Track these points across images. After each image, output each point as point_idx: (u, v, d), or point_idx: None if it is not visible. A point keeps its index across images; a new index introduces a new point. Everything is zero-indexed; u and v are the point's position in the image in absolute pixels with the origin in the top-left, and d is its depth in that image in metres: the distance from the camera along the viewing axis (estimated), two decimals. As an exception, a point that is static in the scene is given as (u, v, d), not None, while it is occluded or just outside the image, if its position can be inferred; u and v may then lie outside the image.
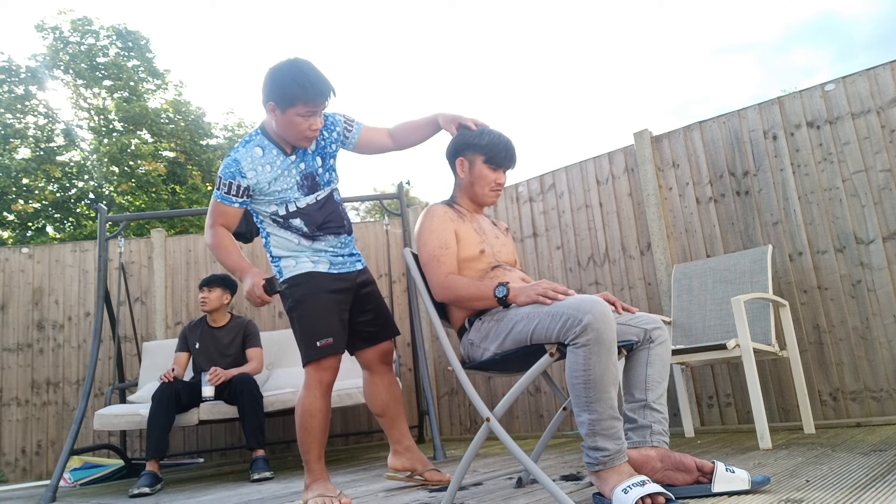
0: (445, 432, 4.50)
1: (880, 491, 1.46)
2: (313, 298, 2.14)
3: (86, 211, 13.67)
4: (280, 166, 2.13)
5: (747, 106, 3.35)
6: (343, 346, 2.20)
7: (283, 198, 2.13)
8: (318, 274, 2.16)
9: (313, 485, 2.13)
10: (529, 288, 1.70)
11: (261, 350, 3.77)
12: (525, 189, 4.21)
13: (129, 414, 3.46)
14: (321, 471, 2.16)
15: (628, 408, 1.73)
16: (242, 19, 35.18)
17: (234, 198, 2.11)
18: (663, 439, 1.68)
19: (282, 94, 2.01)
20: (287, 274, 2.18)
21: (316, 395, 2.14)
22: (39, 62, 13.30)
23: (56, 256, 4.80)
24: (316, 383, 2.14)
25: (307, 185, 2.17)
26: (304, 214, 2.16)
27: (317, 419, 2.13)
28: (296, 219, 2.16)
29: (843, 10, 45.30)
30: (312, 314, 2.13)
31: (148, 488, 2.99)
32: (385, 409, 2.40)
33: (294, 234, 2.17)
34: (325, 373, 2.14)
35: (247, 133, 16.18)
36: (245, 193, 2.11)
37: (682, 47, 47.24)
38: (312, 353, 2.12)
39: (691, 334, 3.08)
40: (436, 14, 44.84)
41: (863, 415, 2.87)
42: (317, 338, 2.12)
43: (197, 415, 3.43)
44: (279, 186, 2.12)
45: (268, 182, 2.11)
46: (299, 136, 2.08)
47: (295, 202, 2.15)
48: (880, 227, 2.90)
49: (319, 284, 2.16)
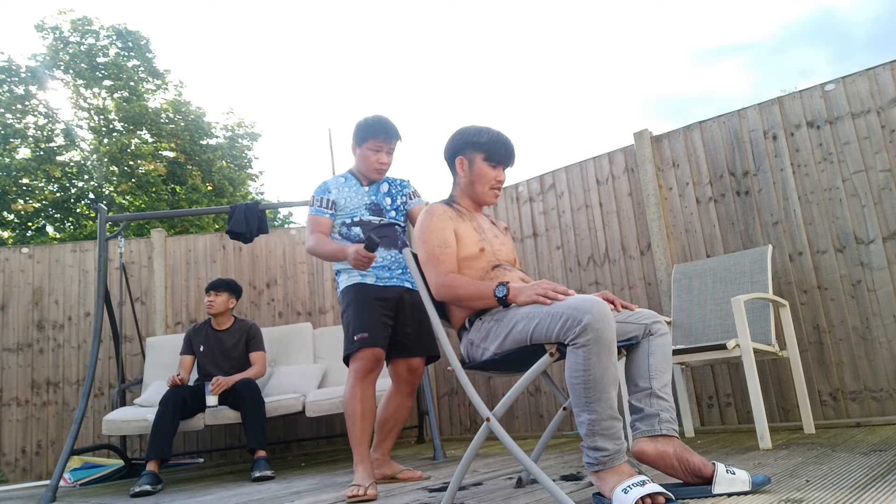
0: (445, 432, 4.50)
1: (880, 491, 1.46)
2: (358, 303, 2.49)
3: (86, 211, 13.67)
4: (355, 191, 2.64)
5: (747, 106, 3.35)
6: (380, 342, 2.45)
7: (352, 213, 2.60)
8: (365, 285, 2.53)
9: (356, 468, 2.37)
10: (529, 288, 1.69)
11: (264, 354, 3.81)
12: (525, 189, 4.21)
13: (137, 419, 3.51)
14: (363, 453, 2.39)
15: (634, 398, 1.71)
16: (242, 19, 35.16)
17: (325, 209, 2.60)
18: (672, 427, 1.65)
19: (361, 133, 2.61)
20: (342, 286, 2.59)
21: (355, 382, 2.42)
22: (39, 62, 13.30)
23: (56, 256, 4.80)
24: (353, 372, 2.44)
25: (373, 209, 2.63)
26: (363, 224, 2.59)
27: (354, 404, 2.41)
28: (356, 227, 2.59)
29: (841, 11, 45.27)
30: (355, 314, 2.47)
31: (149, 486, 2.99)
32: (382, 424, 2.64)
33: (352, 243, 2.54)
34: (360, 362, 2.43)
35: (247, 133, 16.20)
36: (331, 206, 2.61)
37: (682, 47, 47.21)
38: (350, 346, 2.44)
39: (691, 334, 3.08)
40: (436, 14, 44.81)
41: (863, 415, 2.87)
42: (354, 333, 2.44)
43: (203, 420, 3.50)
44: (351, 204, 2.61)
45: (344, 199, 2.61)
46: (370, 167, 2.61)
47: (360, 215, 2.61)
48: (880, 227, 2.90)
49: (366, 292, 2.51)
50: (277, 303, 4.87)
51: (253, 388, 3.47)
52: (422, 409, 4.26)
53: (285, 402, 3.62)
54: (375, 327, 2.45)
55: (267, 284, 4.89)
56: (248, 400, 3.40)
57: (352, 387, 2.43)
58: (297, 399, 3.67)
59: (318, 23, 42.29)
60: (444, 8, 45.82)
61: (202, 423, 3.50)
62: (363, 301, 2.48)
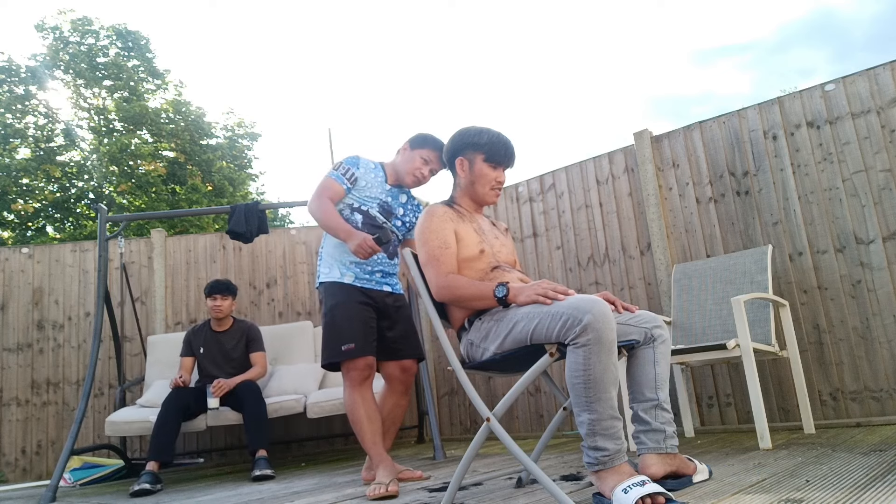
0: (445, 432, 4.50)
1: (880, 491, 1.46)
2: (343, 306, 2.45)
3: (86, 211, 13.67)
4: (378, 182, 2.60)
5: (747, 106, 3.35)
6: (368, 350, 2.44)
7: (363, 200, 2.56)
8: (349, 286, 2.50)
9: (376, 469, 2.37)
10: (529, 288, 1.70)
11: (264, 354, 3.82)
12: (525, 189, 4.21)
13: (139, 420, 3.53)
14: (379, 454, 2.40)
15: (640, 408, 1.74)
16: (242, 19, 35.15)
17: (346, 180, 2.54)
18: (675, 444, 1.73)
19: (421, 140, 2.58)
20: (323, 278, 2.55)
21: (353, 390, 2.43)
22: (39, 62, 13.30)
23: (56, 256, 4.80)
24: (348, 381, 2.44)
25: (384, 208, 2.59)
26: (367, 216, 2.55)
27: (357, 411, 2.42)
28: (359, 214, 2.54)
29: (840, 11, 45.28)
30: (340, 320, 2.44)
31: (149, 485, 2.99)
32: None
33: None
34: (353, 373, 2.42)
35: (247, 133, 16.18)
36: (352, 180, 2.54)
37: (683, 47, 47.22)
38: (337, 354, 2.41)
39: (691, 334, 3.08)
40: (436, 14, 44.81)
41: (863, 415, 2.87)
42: (342, 342, 2.41)
43: (205, 421, 3.51)
44: (367, 193, 2.56)
45: (365, 182, 2.57)
46: (410, 171, 2.57)
47: (369, 206, 2.56)
48: (880, 227, 2.90)
49: (349, 294, 2.48)
50: (277, 303, 4.87)
51: (254, 389, 3.48)
52: (422, 409, 4.25)
53: (286, 403, 3.64)
54: (364, 335, 2.43)
55: (267, 284, 4.89)
56: (250, 402, 3.41)
57: (350, 395, 2.43)
58: (298, 400, 3.68)
59: (318, 22, 42.27)
60: (444, 8, 45.81)
61: (204, 425, 3.51)
62: (350, 305, 2.46)
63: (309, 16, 41.77)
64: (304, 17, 41.34)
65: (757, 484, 1.68)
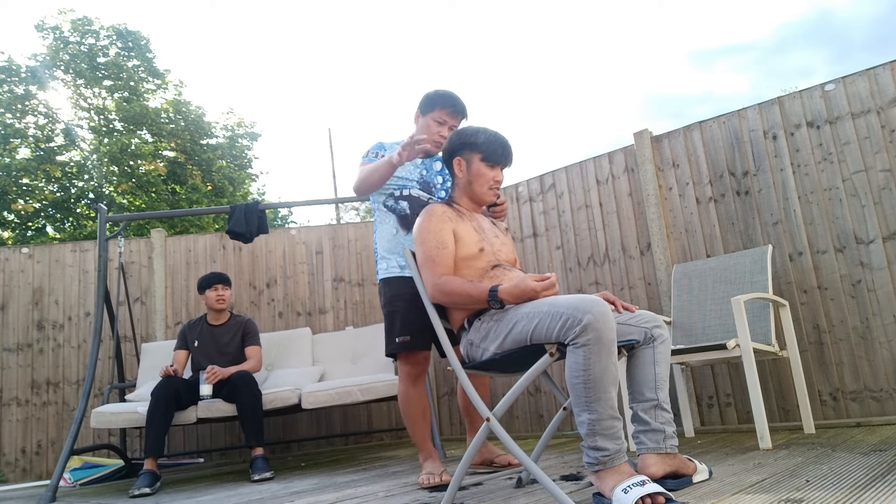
0: (445, 432, 4.50)
1: (880, 491, 1.46)
2: (398, 299, 2.46)
3: (86, 211, 13.67)
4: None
5: (747, 106, 3.35)
6: (422, 344, 2.43)
7: (401, 184, 2.52)
8: (407, 278, 2.47)
9: (424, 463, 2.41)
10: (514, 287, 1.70)
11: (259, 348, 3.77)
12: (525, 189, 4.21)
13: (126, 412, 3.44)
14: (429, 450, 2.44)
15: (640, 408, 1.74)
16: (242, 19, 35.15)
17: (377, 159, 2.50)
18: (675, 444, 1.73)
19: (429, 101, 2.50)
20: (381, 275, 2.55)
21: (407, 385, 2.46)
22: (39, 62, 13.29)
23: (56, 256, 4.80)
24: (404, 375, 2.47)
25: (423, 185, 2.55)
26: (412, 199, 2.51)
27: (412, 405, 2.46)
28: (404, 201, 2.51)
29: (839, 11, 45.29)
30: (400, 313, 2.44)
31: (148, 488, 2.98)
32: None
33: (396, 217, 2.51)
34: (409, 366, 2.45)
35: (247, 133, 16.17)
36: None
37: (682, 47, 47.20)
38: (393, 346, 2.44)
39: (691, 334, 3.08)
40: (436, 14, 44.80)
41: (863, 415, 2.87)
42: (396, 334, 2.43)
43: (195, 413, 3.40)
44: (402, 173, 2.52)
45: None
46: (430, 137, 2.45)
47: (410, 189, 2.53)
48: (880, 227, 2.90)
49: (405, 286, 2.45)
50: (277, 303, 4.87)
51: (249, 381, 3.39)
52: (422, 409, 4.25)
53: (281, 394, 3.52)
54: (419, 329, 2.38)
55: (267, 284, 4.89)
56: (245, 394, 3.33)
57: (405, 391, 2.47)
58: (293, 392, 3.57)
59: (318, 22, 42.25)
60: (444, 8, 45.80)
61: (194, 416, 3.39)
62: (405, 297, 2.42)
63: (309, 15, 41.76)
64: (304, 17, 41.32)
65: (757, 484, 1.68)
